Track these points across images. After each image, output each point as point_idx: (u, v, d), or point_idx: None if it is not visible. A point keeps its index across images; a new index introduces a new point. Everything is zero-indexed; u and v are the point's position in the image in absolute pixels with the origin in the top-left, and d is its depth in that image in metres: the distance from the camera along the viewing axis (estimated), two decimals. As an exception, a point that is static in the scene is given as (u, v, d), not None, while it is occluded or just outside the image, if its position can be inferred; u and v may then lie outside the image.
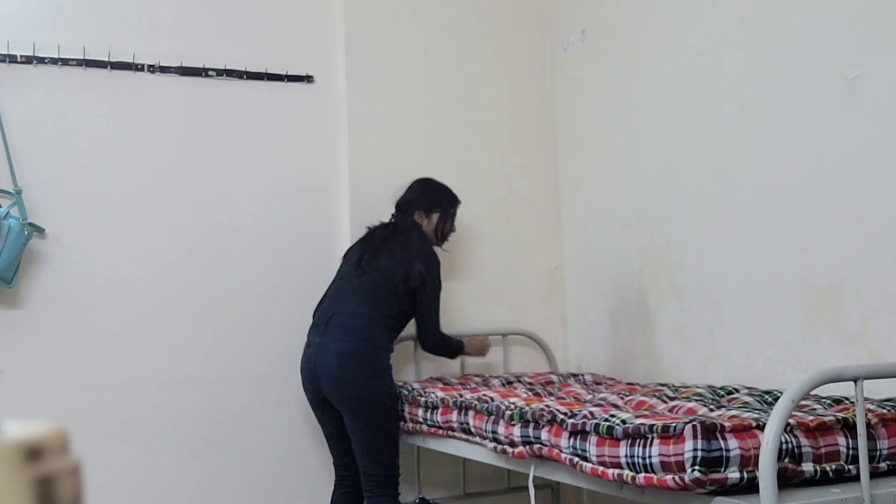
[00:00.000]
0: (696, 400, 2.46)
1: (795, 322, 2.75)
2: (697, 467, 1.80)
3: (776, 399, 2.23)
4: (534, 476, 2.43)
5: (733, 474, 1.80)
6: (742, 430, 1.85)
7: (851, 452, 1.92)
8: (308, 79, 3.65)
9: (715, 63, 3.10)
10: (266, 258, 3.53)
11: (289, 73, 3.61)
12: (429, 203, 3.32)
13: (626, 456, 1.99)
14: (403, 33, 3.76)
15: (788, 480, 1.83)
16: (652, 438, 1.92)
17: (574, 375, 3.42)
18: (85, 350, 3.25)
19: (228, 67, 3.51)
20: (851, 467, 1.91)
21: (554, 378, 3.37)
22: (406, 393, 3.14)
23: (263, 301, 3.51)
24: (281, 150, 3.60)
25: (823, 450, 1.91)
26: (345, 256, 3.32)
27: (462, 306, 3.60)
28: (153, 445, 3.31)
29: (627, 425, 2.01)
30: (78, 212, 3.27)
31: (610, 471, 2.04)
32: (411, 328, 3.28)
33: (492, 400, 2.67)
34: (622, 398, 2.63)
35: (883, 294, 2.49)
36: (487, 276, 3.78)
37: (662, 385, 2.90)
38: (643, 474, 1.93)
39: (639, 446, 1.96)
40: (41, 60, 3.25)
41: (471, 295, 3.67)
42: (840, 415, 2.00)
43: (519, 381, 3.27)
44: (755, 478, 1.77)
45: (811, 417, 1.98)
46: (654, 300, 3.37)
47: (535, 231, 3.92)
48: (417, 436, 3.12)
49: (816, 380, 1.81)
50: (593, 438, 2.11)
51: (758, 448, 1.79)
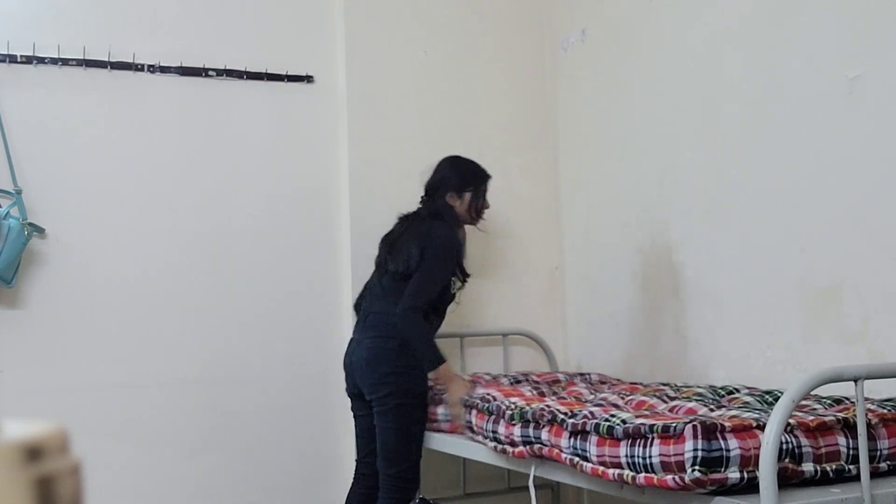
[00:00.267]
0: (697, 400, 2.46)
1: (795, 322, 2.75)
2: (697, 467, 1.80)
3: (776, 399, 2.23)
4: (534, 476, 2.43)
5: (733, 474, 1.80)
6: (742, 430, 1.85)
7: (852, 452, 1.92)
8: (308, 79, 3.65)
9: (715, 63, 3.09)
10: (266, 258, 3.53)
11: (289, 73, 3.61)
12: (460, 182, 3.20)
13: (627, 456, 1.99)
14: (403, 33, 3.76)
15: (788, 480, 1.83)
16: (652, 438, 1.92)
17: (581, 375, 3.40)
18: (85, 350, 3.25)
19: (228, 67, 3.51)
20: (852, 467, 1.91)
21: (560, 377, 3.36)
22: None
23: (263, 301, 3.51)
24: (281, 150, 3.60)
25: (824, 450, 1.90)
26: (379, 246, 3.24)
27: (462, 306, 3.60)
28: (153, 445, 3.31)
29: (628, 425, 2.01)
30: (78, 212, 3.27)
31: (610, 471, 2.04)
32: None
33: (494, 399, 2.67)
34: (623, 398, 2.63)
35: (883, 294, 2.49)
36: (487, 276, 3.78)
37: (664, 385, 2.90)
38: (643, 474, 1.93)
39: (639, 446, 1.96)
40: (41, 60, 3.25)
41: (471, 295, 3.67)
42: (840, 415, 2.00)
43: (526, 380, 3.25)
44: (755, 478, 1.77)
45: (811, 417, 1.97)
46: (654, 300, 3.37)
47: (535, 231, 3.92)
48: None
49: (816, 380, 1.81)
50: (593, 438, 2.11)
51: (758, 448, 1.79)
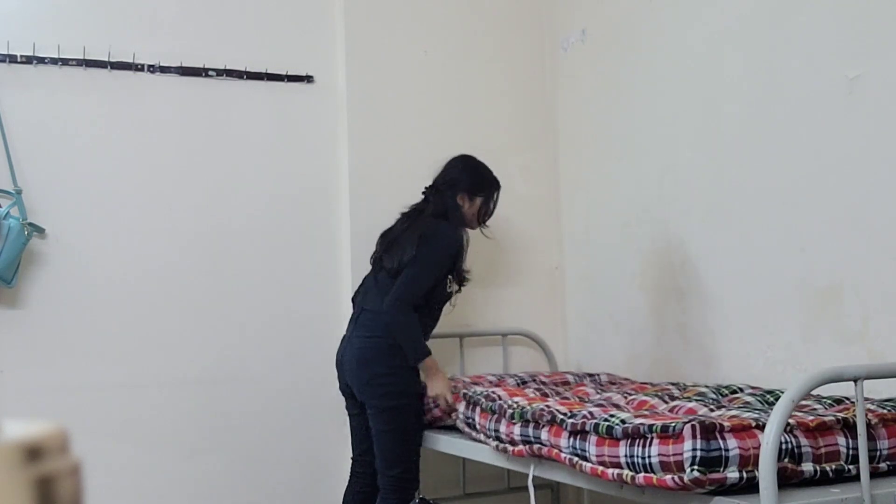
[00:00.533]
0: (697, 400, 2.46)
1: (795, 322, 2.75)
2: (696, 467, 1.80)
3: (777, 399, 2.23)
4: (534, 476, 2.43)
5: (732, 474, 1.80)
6: (741, 430, 1.85)
7: (851, 452, 1.92)
8: (308, 79, 3.65)
9: (715, 63, 3.09)
10: (266, 258, 3.53)
11: (289, 73, 3.61)
12: (474, 186, 3.17)
13: (626, 456, 1.99)
14: (403, 33, 3.76)
15: (788, 480, 1.83)
16: (651, 438, 1.93)
17: (590, 375, 3.37)
18: (85, 350, 3.25)
19: (228, 67, 3.51)
20: (851, 467, 1.91)
21: (570, 378, 3.33)
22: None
23: (263, 301, 3.51)
24: (281, 150, 3.60)
25: (823, 450, 1.91)
26: (377, 242, 3.22)
27: (462, 306, 3.59)
28: (153, 445, 3.31)
29: (627, 425, 2.01)
30: (78, 212, 3.27)
31: (609, 471, 2.04)
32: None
33: (498, 398, 2.67)
34: (625, 397, 2.63)
35: (883, 294, 2.49)
36: (487, 276, 3.78)
37: (672, 384, 2.90)
38: (643, 474, 1.93)
39: (638, 446, 1.96)
40: (41, 60, 3.25)
41: (470, 295, 3.66)
42: (840, 415, 2.00)
43: (533, 381, 3.23)
44: (755, 478, 1.78)
45: (811, 417, 1.98)
46: (654, 300, 3.37)
47: (535, 231, 3.92)
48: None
49: (816, 380, 1.81)
50: (593, 438, 2.11)
51: (757, 448, 1.79)
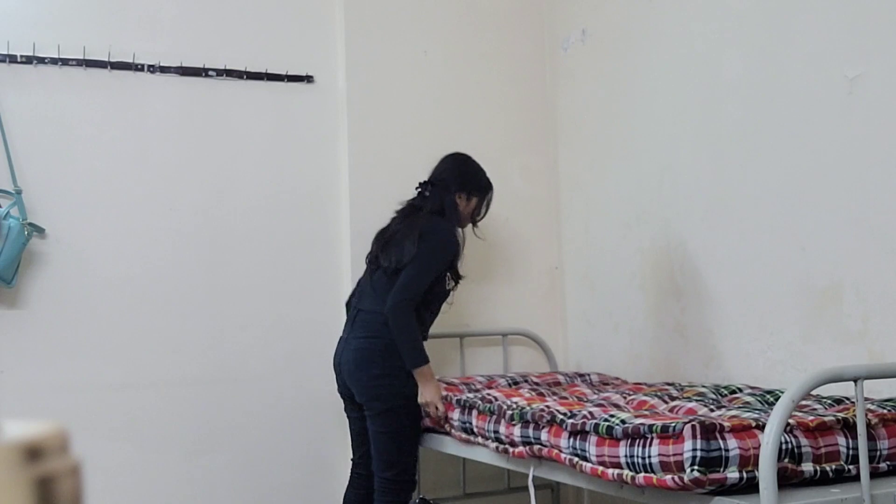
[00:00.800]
0: (697, 400, 2.46)
1: (795, 322, 2.75)
2: (696, 467, 1.80)
3: (777, 399, 2.23)
4: (534, 476, 2.43)
5: (732, 474, 1.80)
6: (741, 430, 1.85)
7: (851, 452, 1.92)
8: (308, 79, 3.65)
9: (715, 63, 3.09)
10: (266, 258, 3.53)
11: (289, 73, 3.61)
12: (471, 185, 3.20)
13: (626, 456, 1.99)
14: (403, 33, 3.76)
15: (788, 480, 1.83)
16: (651, 438, 1.93)
17: (580, 375, 3.38)
18: (85, 350, 3.25)
19: (228, 67, 3.51)
20: (851, 467, 1.91)
21: (561, 378, 3.34)
22: None
23: (263, 301, 3.51)
24: (281, 150, 3.60)
25: (823, 450, 1.90)
26: (372, 242, 3.20)
27: (462, 306, 3.60)
28: (153, 445, 3.31)
29: (627, 425, 2.01)
30: (78, 212, 3.27)
31: (609, 471, 2.04)
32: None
33: (495, 399, 2.67)
34: (624, 397, 2.63)
35: (883, 294, 2.49)
36: (487, 276, 3.78)
37: (669, 384, 2.89)
38: (643, 474, 1.93)
39: (638, 446, 1.96)
40: (41, 60, 3.25)
41: (470, 295, 3.67)
42: (840, 415, 2.00)
43: (525, 381, 3.24)
44: (755, 478, 1.78)
45: (811, 417, 1.97)
46: (654, 300, 3.37)
47: (535, 231, 3.92)
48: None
49: (816, 380, 1.81)
50: (593, 438, 2.11)
51: (757, 448, 1.79)
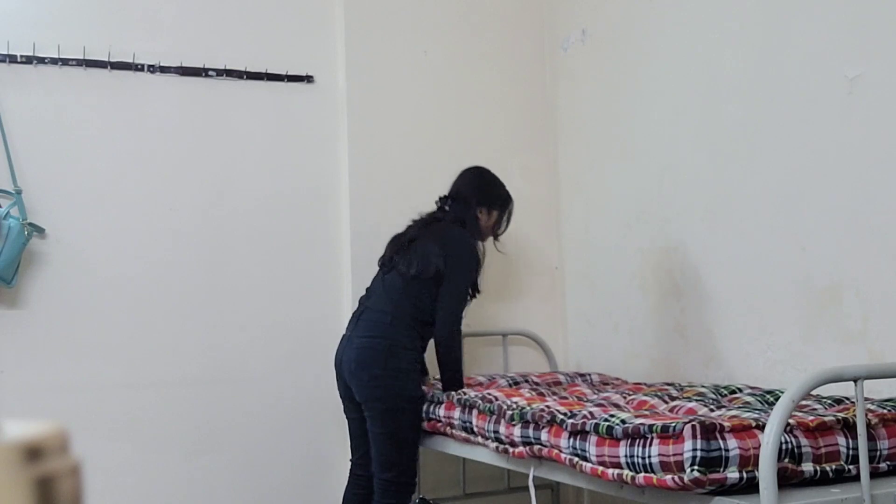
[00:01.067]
0: (697, 400, 2.46)
1: (795, 322, 2.75)
2: (697, 467, 1.80)
3: (777, 399, 2.23)
4: (534, 476, 2.43)
5: (732, 474, 1.80)
6: (741, 430, 1.85)
7: (851, 452, 1.92)
8: (308, 79, 3.65)
9: (715, 63, 3.09)
10: (266, 258, 3.53)
11: (289, 73, 3.61)
12: (492, 199, 3.23)
13: (626, 456, 1.99)
14: (403, 33, 3.76)
15: (788, 480, 1.83)
16: (651, 438, 1.93)
17: (581, 375, 3.37)
18: (85, 350, 3.25)
19: (228, 67, 3.51)
20: (851, 467, 1.91)
21: (561, 378, 3.33)
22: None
23: (263, 301, 3.51)
24: (281, 150, 3.60)
25: (823, 450, 1.90)
26: (387, 245, 3.20)
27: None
28: (153, 445, 3.31)
29: (627, 425, 2.01)
30: (78, 212, 3.27)
31: (610, 471, 2.04)
32: None
33: (495, 399, 2.67)
34: (624, 397, 2.63)
35: (883, 294, 2.49)
36: (487, 276, 3.77)
37: (668, 384, 2.89)
38: (643, 474, 1.93)
39: (638, 446, 1.96)
40: (41, 60, 3.25)
41: (471, 295, 3.66)
42: (840, 415, 2.00)
43: (525, 381, 3.23)
44: (755, 478, 1.78)
45: (811, 417, 1.97)
46: (654, 300, 3.37)
47: (535, 231, 3.92)
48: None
49: (816, 380, 1.81)
50: (593, 438, 2.11)
51: (757, 448, 1.79)
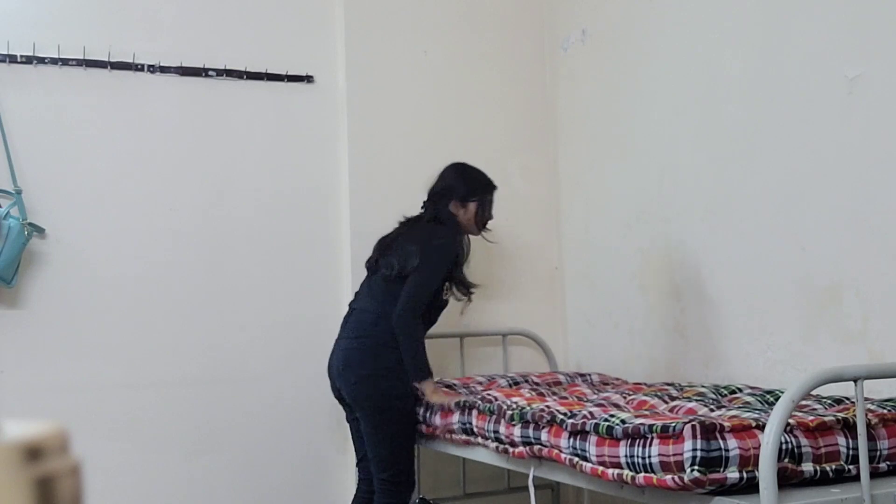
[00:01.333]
0: (697, 400, 2.46)
1: (795, 322, 2.75)
2: (697, 467, 1.80)
3: (777, 399, 2.23)
4: (534, 476, 2.43)
5: (732, 474, 1.80)
6: (741, 430, 1.85)
7: (851, 452, 1.92)
8: (308, 79, 3.65)
9: (715, 63, 3.09)
10: (266, 258, 3.53)
11: (289, 73, 3.61)
12: (465, 192, 3.14)
13: (626, 456, 1.99)
14: (403, 33, 3.76)
15: (788, 480, 1.83)
16: (651, 438, 1.93)
17: (581, 375, 3.36)
18: (85, 350, 3.25)
19: (228, 67, 3.51)
20: (851, 467, 1.91)
21: (561, 378, 3.32)
22: None
23: (263, 301, 3.51)
24: (281, 150, 3.60)
25: (823, 450, 1.90)
26: (374, 248, 3.19)
27: (461, 305, 3.60)
28: (153, 445, 3.31)
29: (627, 425, 2.01)
30: (78, 212, 3.27)
31: (610, 471, 2.04)
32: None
33: (495, 399, 2.67)
34: (624, 397, 2.63)
35: (883, 294, 2.49)
36: (487, 276, 3.78)
37: (668, 384, 2.89)
38: (643, 474, 1.93)
39: (638, 446, 1.96)
40: (41, 60, 3.25)
41: (471, 295, 3.66)
42: (840, 415, 2.00)
43: (525, 381, 3.22)
44: (755, 478, 1.78)
45: (811, 417, 1.97)
46: (654, 300, 3.37)
47: (535, 231, 3.92)
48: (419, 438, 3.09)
49: (816, 380, 1.81)
50: (593, 438, 2.11)
51: (757, 448, 1.79)
